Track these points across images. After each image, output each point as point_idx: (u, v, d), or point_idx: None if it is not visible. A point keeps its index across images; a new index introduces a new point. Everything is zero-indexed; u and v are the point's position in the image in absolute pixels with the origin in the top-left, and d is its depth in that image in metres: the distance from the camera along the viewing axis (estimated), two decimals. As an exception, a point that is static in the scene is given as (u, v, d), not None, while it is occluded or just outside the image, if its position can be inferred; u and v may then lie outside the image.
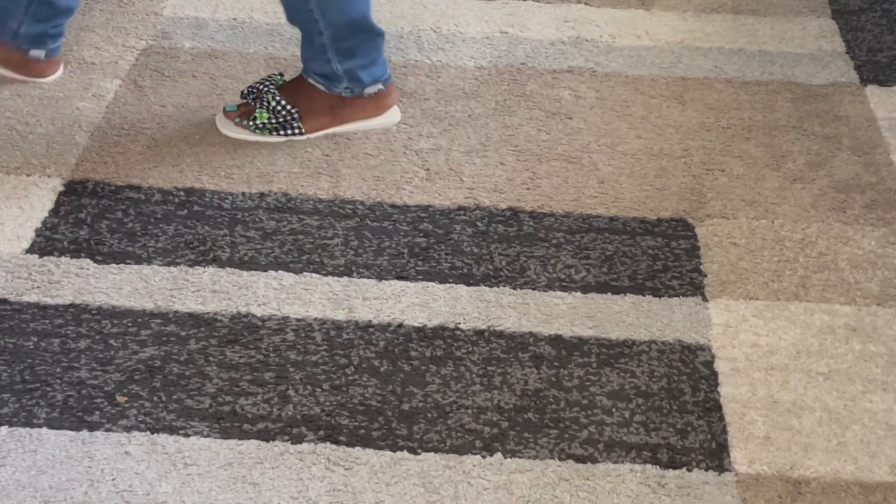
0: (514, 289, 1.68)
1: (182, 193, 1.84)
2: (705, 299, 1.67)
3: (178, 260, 1.71)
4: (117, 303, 1.64)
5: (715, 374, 1.56)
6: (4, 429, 1.45)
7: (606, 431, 1.48)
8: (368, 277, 1.69)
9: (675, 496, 1.40)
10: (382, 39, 1.92)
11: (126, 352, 1.56)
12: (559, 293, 1.67)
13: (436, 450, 1.45)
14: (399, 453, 1.44)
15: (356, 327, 1.61)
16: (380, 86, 1.94)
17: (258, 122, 1.93)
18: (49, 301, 1.63)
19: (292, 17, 1.90)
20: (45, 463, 1.41)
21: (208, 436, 1.45)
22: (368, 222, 1.79)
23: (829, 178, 1.91)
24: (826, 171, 1.93)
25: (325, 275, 1.69)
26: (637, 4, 2.37)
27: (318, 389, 1.52)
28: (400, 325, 1.62)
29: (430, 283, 1.68)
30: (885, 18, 2.34)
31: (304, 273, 1.70)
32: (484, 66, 2.16)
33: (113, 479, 1.40)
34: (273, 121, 1.93)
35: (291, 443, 1.45)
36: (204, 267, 1.70)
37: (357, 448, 1.45)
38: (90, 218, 1.78)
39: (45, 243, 1.73)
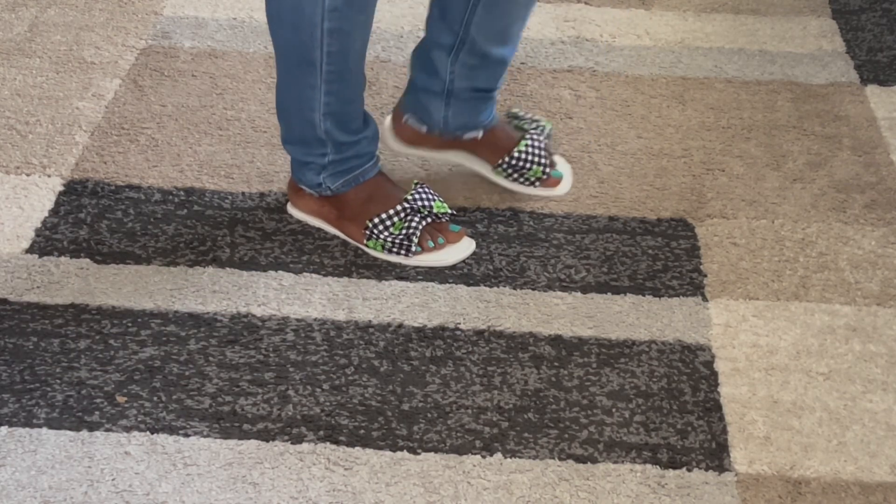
0: (514, 289, 1.68)
1: (182, 193, 1.84)
2: (705, 299, 1.67)
3: (178, 260, 1.71)
4: (117, 303, 1.64)
5: (715, 374, 1.56)
6: (4, 429, 1.45)
7: (606, 431, 1.48)
8: (368, 277, 1.69)
9: (675, 496, 1.40)
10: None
11: (126, 352, 1.56)
12: (559, 293, 1.67)
13: (436, 450, 1.45)
14: (399, 453, 1.44)
15: (356, 327, 1.61)
16: None
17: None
18: (49, 301, 1.63)
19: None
20: (45, 463, 1.41)
21: (208, 436, 1.45)
22: (368, 222, 1.79)
23: (829, 178, 1.91)
24: (826, 170, 1.93)
25: (325, 275, 1.69)
26: (637, 4, 2.37)
27: (318, 389, 1.52)
28: (400, 325, 1.62)
29: (430, 283, 1.68)
30: (885, 18, 2.34)
31: (304, 273, 1.69)
32: (484, 65, 2.16)
33: (113, 479, 1.40)
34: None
35: (291, 443, 1.45)
36: (204, 267, 1.70)
37: (357, 448, 1.45)
38: (90, 218, 1.78)
39: (45, 243, 1.73)
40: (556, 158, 1.89)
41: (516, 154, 1.81)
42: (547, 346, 1.59)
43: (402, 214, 1.69)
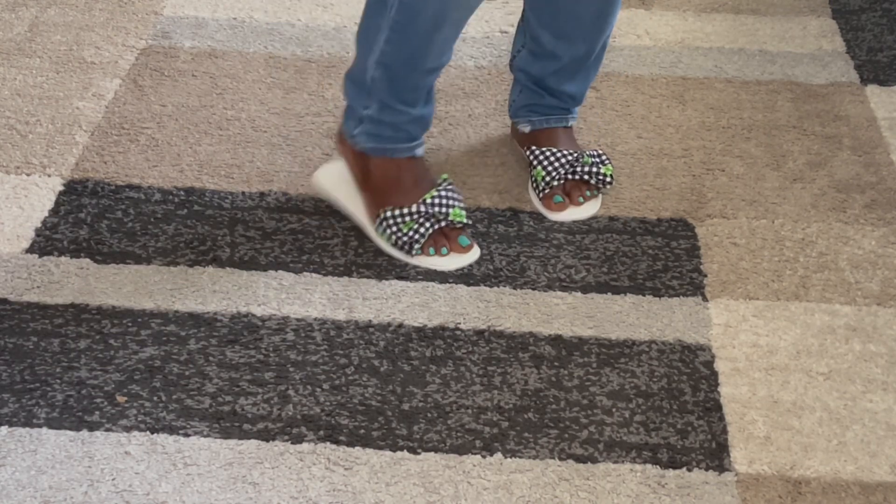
0: (514, 289, 1.68)
1: (182, 193, 1.84)
2: (705, 299, 1.67)
3: (178, 260, 1.71)
4: (117, 303, 1.64)
5: (715, 374, 1.56)
6: (4, 429, 1.45)
7: (606, 431, 1.48)
8: (368, 277, 1.69)
9: (675, 496, 1.40)
10: None
11: (126, 352, 1.56)
12: (559, 293, 1.67)
13: (436, 450, 1.45)
14: (399, 453, 1.44)
15: (356, 327, 1.61)
16: None
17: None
18: (49, 301, 1.63)
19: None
20: (45, 463, 1.41)
21: (208, 436, 1.45)
22: (368, 222, 1.79)
23: (829, 178, 1.91)
24: (826, 170, 1.93)
25: (325, 275, 1.69)
26: (637, 4, 2.37)
27: (318, 389, 1.52)
28: (400, 325, 1.62)
29: (430, 283, 1.68)
30: (886, 18, 2.34)
31: (304, 273, 1.70)
32: (484, 65, 2.16)
33: (113, 479, 1.40)
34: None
35: (291, 443, 1.45)
36: (204, 267, 1.70)
37: (357, 448, 1.45)
38: (90, 218, 1.78)
39: (45, 243, 1.73)
40: (588, 201, 1.81)
41: (536, 150, 1.82)
42: (547, 345, 1.59)
43: (416, 216, 1.68)
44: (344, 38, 2.22)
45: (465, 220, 1.70)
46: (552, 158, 1.80)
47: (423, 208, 1.67)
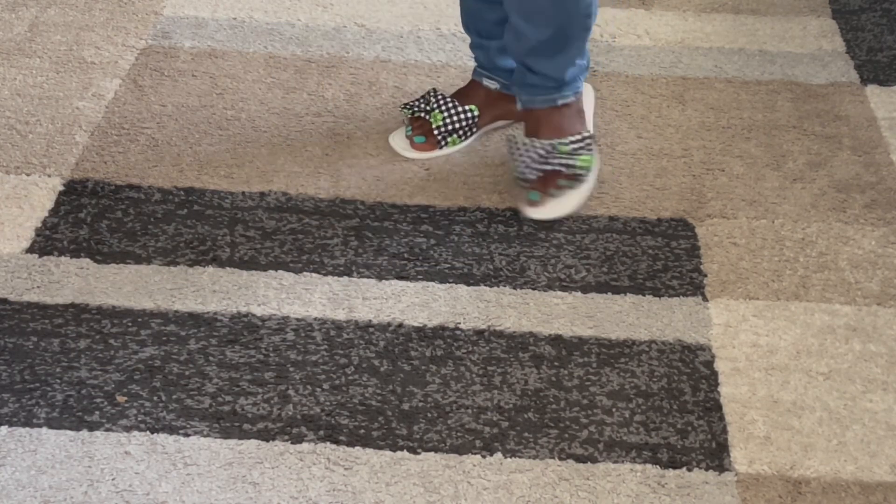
0: (514, 289, 1.68)
1: (182, 193, 1.84)
2: (705, 299, 1.67)
3: (178, 260, 1.71)
4: (117, 303, 1.64)
5: (715, 373, 1.56)
6: (4, 429, 1.45)
7: (606, 431, 1.48)
8: (368, 277, 1.69)
9: (675, 496, 1.40)
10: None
11: (126, 352, 1.56)
12: (559, 293, 1.67)
13: (436, 450, 1.45)
14: (399, 453, 1.44)
15: (356, 327, 1.61)
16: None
17: (434, 125, 1.91)
18: (49, 301, 1.63)
19: None
20: (45, 463, 1.41)
21: (208, 436, 1.45)
22: (368, 222, 1.79)
23: (829, 178, 1.91)
24: (826, 170, 1.93)
25: (325, 275, 1.69)
26: (637, 4, 2.37)
27: (318, 389, 1.52)
28: (400, 325, 1.62)
29: (430, 283, 1.68)
30: (885, 18, 2.34)
31: (304, 273, 1.70)
32: (484, 65, 2.16)
33: (113, 479, 1.40)
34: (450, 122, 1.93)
35: (291, 443, 1.45)
36: (204, 267, 1.70)
37: (357, 448, 1.45)
38: (90, 218, 1.78)
39: (45, 243, 1.73)
40: (565, 193, 1.81)
41: (512, 141, 1.82)
42: (547, 345, 1.59)
43: (429, 99, 1.92)
44: (344, 38, 2.22)
45: (439, 124, 1.91)
46: (524, 149, 1.80)
47: (430, 99, 1.92)
